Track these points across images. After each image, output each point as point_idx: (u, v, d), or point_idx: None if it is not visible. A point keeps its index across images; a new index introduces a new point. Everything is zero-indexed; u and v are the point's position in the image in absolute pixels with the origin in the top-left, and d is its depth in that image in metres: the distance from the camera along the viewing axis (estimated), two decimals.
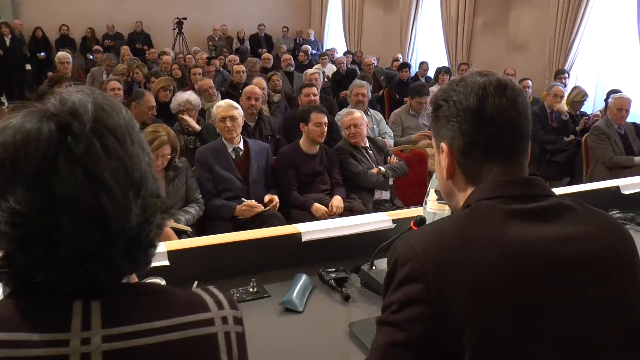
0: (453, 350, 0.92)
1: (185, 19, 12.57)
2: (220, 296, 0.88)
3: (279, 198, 3.81)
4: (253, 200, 3.57)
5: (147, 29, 13.32)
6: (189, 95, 4.83)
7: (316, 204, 3.69)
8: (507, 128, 1.07)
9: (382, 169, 4.01)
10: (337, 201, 3.68)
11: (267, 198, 3.63)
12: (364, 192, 3.95)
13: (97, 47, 10.82)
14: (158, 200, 0.83)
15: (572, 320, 0.97)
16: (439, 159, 1.15)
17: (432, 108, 1.15)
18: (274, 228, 2.06)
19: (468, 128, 1.07)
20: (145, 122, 4.50)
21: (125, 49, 10.08)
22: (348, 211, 3.51)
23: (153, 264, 1.76)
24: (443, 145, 1.11)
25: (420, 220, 1.67)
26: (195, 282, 1.64)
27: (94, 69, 8.41)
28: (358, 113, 4.16)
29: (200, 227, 3.58)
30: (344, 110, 5.30)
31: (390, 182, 4.06)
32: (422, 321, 0.93)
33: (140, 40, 12.96)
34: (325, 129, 3.87)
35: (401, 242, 1.01)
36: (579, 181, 5.12)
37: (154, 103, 4.60)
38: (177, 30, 12.65)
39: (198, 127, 4.63)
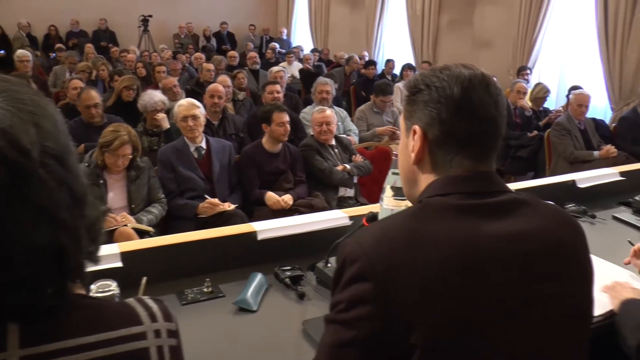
0: (401, 349, 0.91)
1: (150, 16, 12.41)
2: (155, 308, 0.84)
3: (242, 197, 3.79)
4: (216, 199, 3.54)
5: (112, 26, 13.12)
6: (162, 95, 4.76)
7: (270, 192, 3.70)
8: (486, 124, 1.06)
9: (348, 167, 4.02)
10: (287, 197, 3.70)
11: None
12: (328, 190, 3.96)
13: (59, 45, 10.59)
14: (97, 211, 0.81)
15: (523, 316, 0.97)
16: (406, 142, 1.12)
17: (409, 91, 1.12)
18: (229, 227, 2.04)
19: (447, 117, 1.04)
20: (89, 121, 4.43)
21: (89, 47, 9.89)
22: (308, 207, 3.51)
23: (105, 266, 1.74)
24: (417, 128, 1.08)
25: (371, 217, 1.67)
26: (144, 278, 1.60)
27: (57, 68, 8.25)
28: (329, 111, 4.17)
29: (164, 227, 3.54)
30: (309, 108, 5.30)
31: (355, 180, 4.07)
32: (370, 320, 0.92)
33: (105, 38, 12.75)
34: (288, 127, 3.87)
35: (350, 240, 0.99)
36: (543, 176, 5.21)
37: (91, 101, 4.42)
38: (142, 27, 12.47)
39: (167, 125, 4.56)
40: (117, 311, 0.81)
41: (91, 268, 0.82)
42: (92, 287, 1.57)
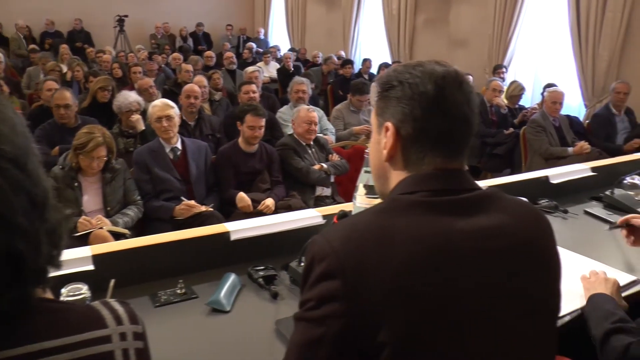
0: (371, 347, 0.91)
1: (126, 16, 12.29)
2: (121, 311, 0.83)
3: (218, 197, 3.77)
4: (192, 201, 3.51)
5: (88, 26, 12.95)
6: (137, 96, 4.72)
7: (241, 194, 3.68)
8: (460, 122, 1.06)
9: (325, 166, 4.02)
10: (269, 202, 3.66)
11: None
12: (305, 189, 3.95)
13: (33, 46, 10.42)
14: (60, 215, 0.79)
15: (492, 311, 0.97)
16: (378, 139, 1.11)
17: (381, 87, 1.11)
18: (202, 228, 2.02)
19: (421, 114, 1.04)
20: (65, 123, 4.37)
21: (64, 48, 9.75)
22: (286, 209, 3.50)
23: (76, 269, 1.72)
24: (389, 125, 1.07)
25: (342, 215, 1.67)
26: (112, 281, 1.58)
27: (30, 69, 8.11)
28: (315, 111, 4.17)
29: (140, 229, 3.50)
30: (286, 108, 5.30)
31: (332, 179, 4.08)
32: (340, 317, 0.92)
33: (80, 39, 12.57)
34: (260, 132, 3.84)
35: (318, 238, 0.99)
36: (519, 172, 5.23)
37: (61, 101, 4.34)
38: (118, 28, 12.34)
39: (143, 126, 4.51)
40: (82, 315, 0.80)
41: (60, 272, 0.81)
42: (63, 290, 1.55)
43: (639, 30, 6.40)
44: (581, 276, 1.77)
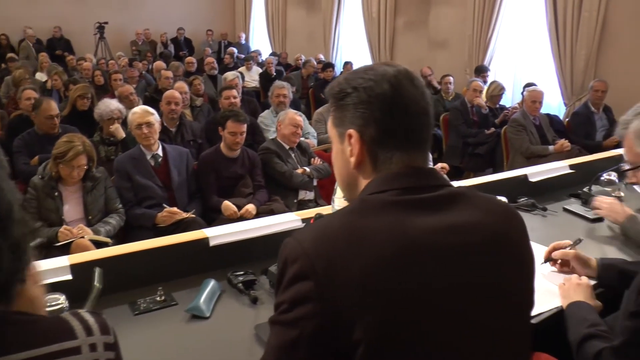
0: (346, 346, 0.91)
1: (106, 23, 12.17)
2: (91, 321, 0.83)
3: (202, 203, 3.76)
4: (174, 207, 3.50)
5: (67, 34, 12.84)
6: (118, 104, 4.69)
7: (226, 202, 3.67)
8: (419, 117, 1.07)
9: (307, 169, 4.02)
10: (251, 207, 3.66)
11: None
12: (288, 193, 3.95)
13: (11, 54, 10.30)
14: (25, 228, 0.79)
15: (463, 309, 0.98)
16: (341, 148, 1.11)
17: (335, 97, 1.11)
18: (181, 234, 2.01)
19: (381, 116, 1.05)
20: (48, 132, 4.33)
21: (43, 56, 9.65)
22: (268, 213, 3.50)
23: (54, 279, 1.70)
24: (352, 132, 1.07)
25: (319, 218, 1.67)
26: (97, 269, 1.56)
27: (8, 78, 8.01)
28: (300, 116, 4.20)
29: (122, 238, 3.48)
30: (267, 112, 5.29)
31: (315, 182, 4.08)
32: (313, 318, 0.92)
33: (60, 47, 12.45)
34: (241, 137, 3.83)
35: (290, 240, 0.99)
36: (501, 171, 5.29)
37: (53, 112, 4.35)
38: (98, 35, 12.23)
39: (124, 134, 4.48)
40: (51, 326, 0.80)
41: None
42: None
43: (615, 29, 6.50)
44: (559, 285, 1.80)
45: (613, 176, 2.79)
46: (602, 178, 2.80)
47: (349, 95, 1.08)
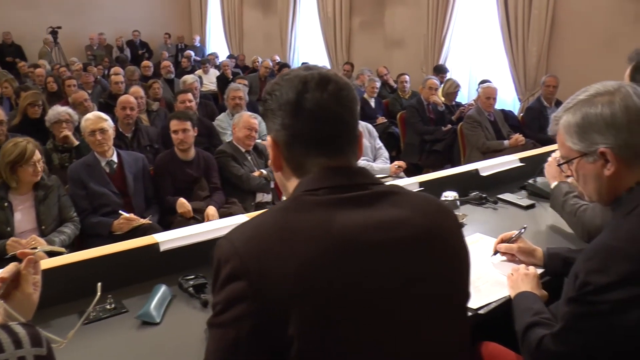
0: (282, 343, 0.92)
1: (59, 28, 11.86)
2: (22, 334, 0.82)
3: (158, 206, 3.71)
4: (131, 214, 3.44)
5: (19, 40, 12.49)
6: (67, 108, 4.59)
7: (181, 199, 3.66)
8: (329, 121, 1.07)
9: (264, 172, 4.02)
10: (212, 211, 3.64)
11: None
12: (246, 196, 3.94)
13: None
14: None
15: (394, 301, 1.00)
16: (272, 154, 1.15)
17: (262, 105, 1.15)
18: (130, 240, 1.98)
19: (289, 122, 1.07)
20: None
21: None
22: (227, 217, 3.48)
23: None
24: (269, 138, 1.12)
25: None
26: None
27: None
28: (255, 119, 4.18)
29: (78, 247, 3.40)
30: (223, 115, 5.26)
31: (272, 184, 4.07)
32: (249, 318, 0.93)
33: (10, 53, 12.10)
34: (185, 135, 3.80)
35: (223, 240, 1.00)
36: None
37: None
38: (52, 40, 11.94)
39: (76, 141, 4.39)
40: None
41: None
42: None
43: (563, 25, 6.69)
44: (507, 275, 1.85)
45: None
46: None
47: (267, 101, 1.12)
